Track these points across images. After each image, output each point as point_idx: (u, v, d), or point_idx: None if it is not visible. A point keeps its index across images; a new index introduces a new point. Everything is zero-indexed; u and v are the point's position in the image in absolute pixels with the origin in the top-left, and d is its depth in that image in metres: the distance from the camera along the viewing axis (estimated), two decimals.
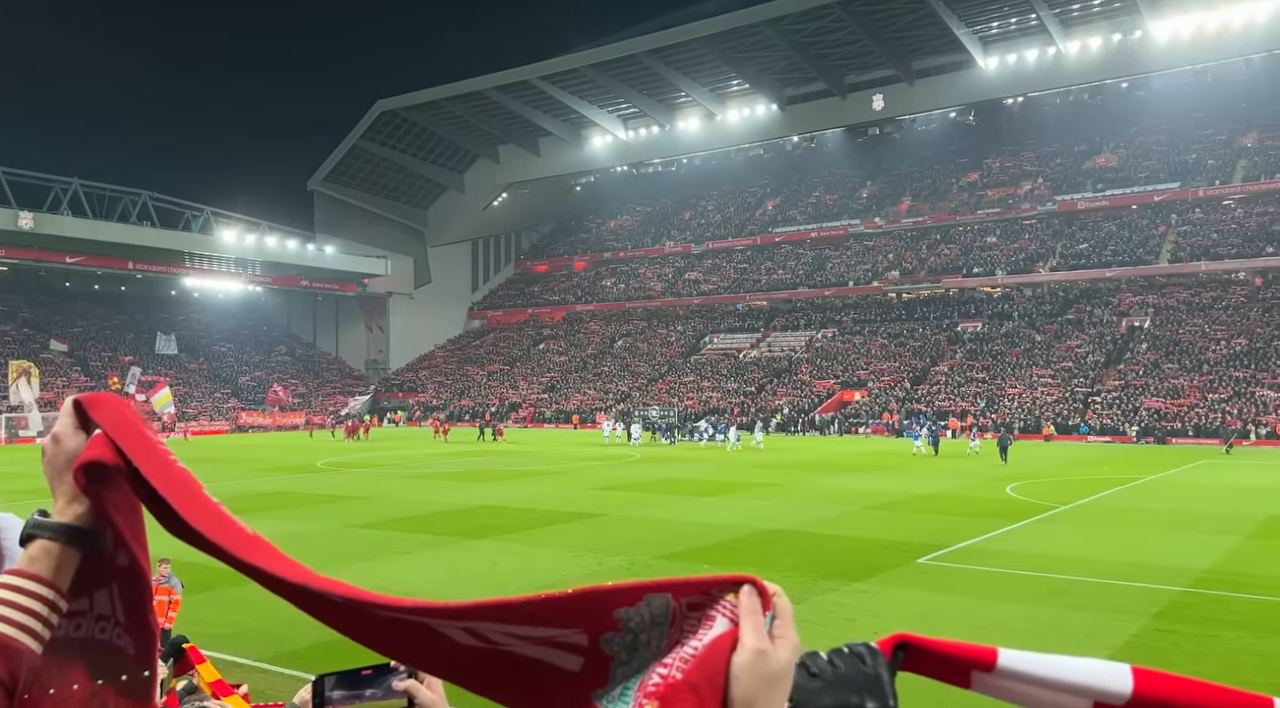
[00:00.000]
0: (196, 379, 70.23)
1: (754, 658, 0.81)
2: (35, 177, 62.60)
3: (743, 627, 0.82)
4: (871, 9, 57.99)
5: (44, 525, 0.99)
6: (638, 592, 0.84)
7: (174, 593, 11.28)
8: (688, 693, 0.80)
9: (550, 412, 66.64)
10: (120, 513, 1.01)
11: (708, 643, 0.82)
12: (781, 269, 76.28)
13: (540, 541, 18.95)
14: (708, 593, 0.84)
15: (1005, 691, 0.89)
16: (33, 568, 0.97)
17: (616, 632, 0.84)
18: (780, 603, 0.85)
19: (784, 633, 0.84)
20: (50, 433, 1.04)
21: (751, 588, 0.84)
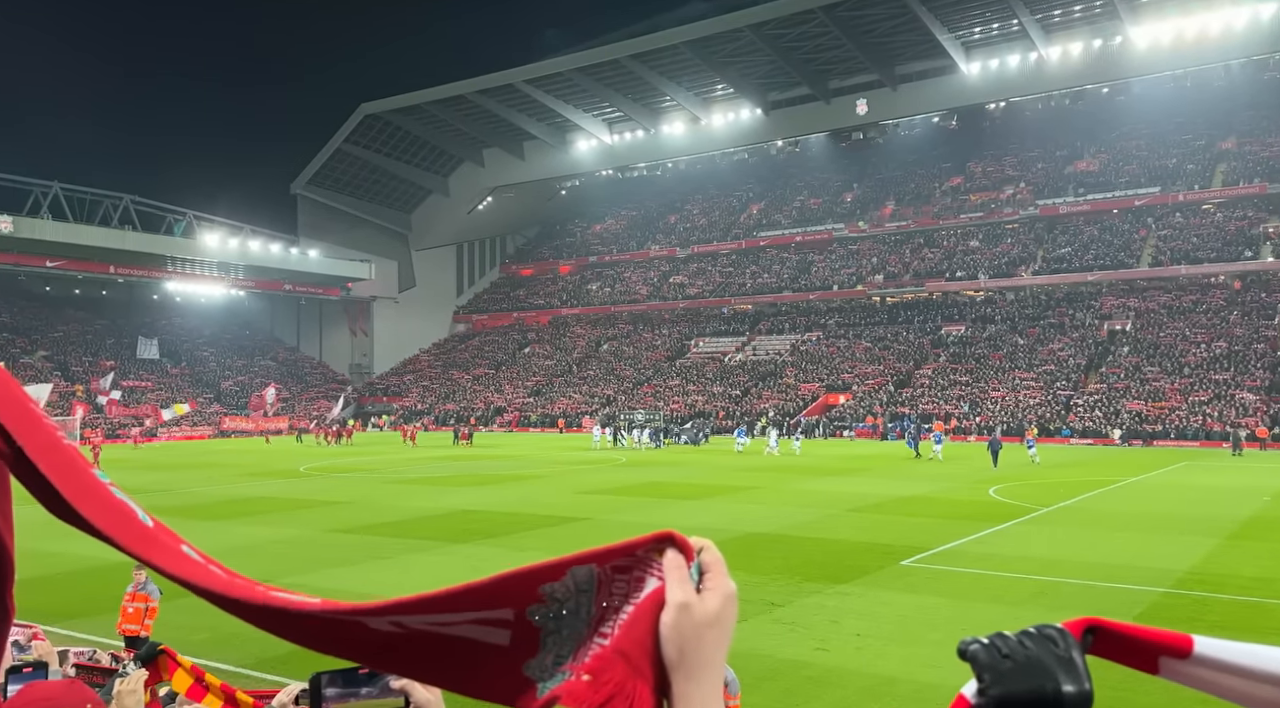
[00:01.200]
0: (179, 384, 69.66)
1: (679, 613, 0.81)
2: (14, 180, 62.01)
3: (667, 584, 0.82)
4: (855, 14, 58.32)
5: None
6: (561, 567, 0.83)
7: (150, 600, 11.14)
8: (618, 660, 0.79)
9: (536, 416, 66.51)
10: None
11: (636, 604, 0.81)
12: (766, 273, 76.48)
13: (523, 544, 18.87)
14: (632, 555, 0.84)
15: (1197, 678, 0.85)
16: None
17: (542, 603, 0.83)
18: (708, 556, 0.84)
19: (714, 584, 0.83)
20: None
21: (674, 545, 0.83)
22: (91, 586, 14.69)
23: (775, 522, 21.24)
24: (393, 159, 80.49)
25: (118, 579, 12.13)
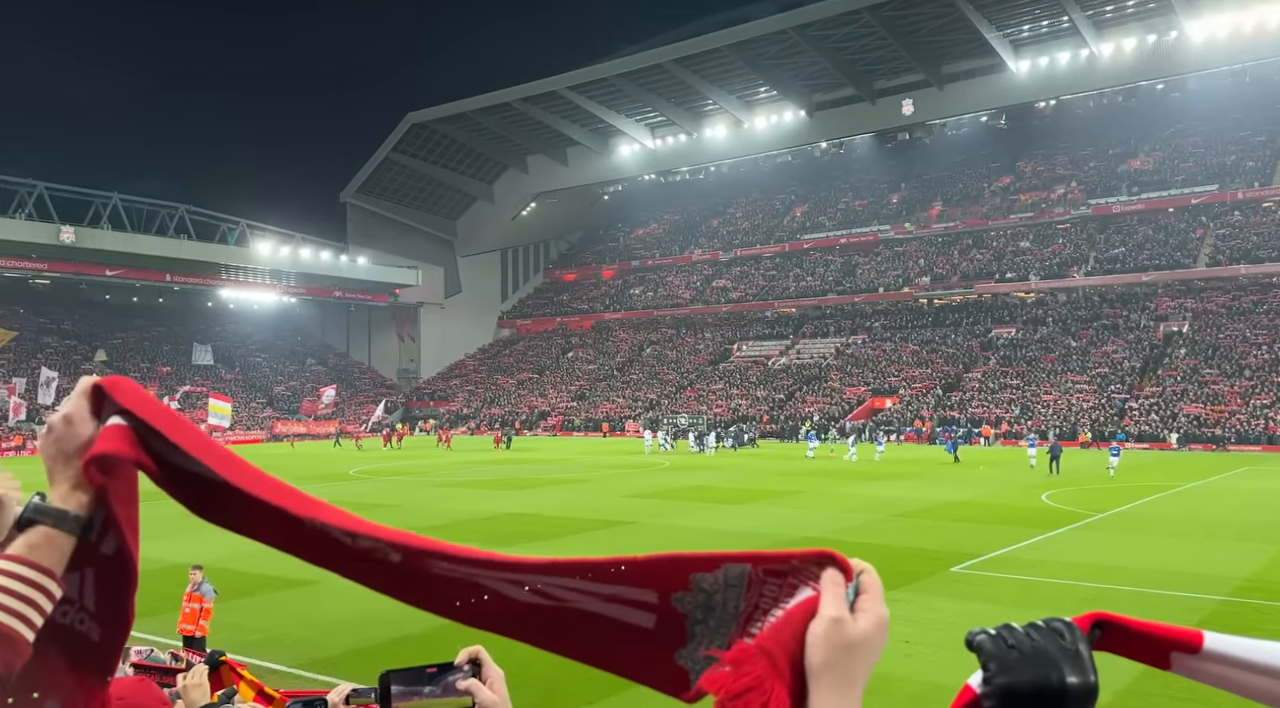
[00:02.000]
0: (232, 389, 71.22)
1: (830, 626, 0.81)
2: (76, 192, 64.06)
3: (822, 596, 0.82)
4: (901, 14, 57.69)
5: (48, 512, 0.96)
6: (715, 561, 0.85)
7: (205, 600, 11.42)
8: (760, 657, 0.80)
9: (579, 420, 66.79)
10: (121, 504, 0.98)
11: (786, 610, 0.82)
12: (810, 276, 75.92)
13: (569, 548, 18.98)
14: (788, 563, 0.84)
15: (1208, 674, 0.86)
16: (34, 556, 0.94)
17: (689, 591, 0.84)
18: (867, 579, 0.85)
19: (869, 607, 0.83)
20: (62, 414, 1.00)
21: (837, 563, 0.84)
22: (152, 585, 15.07)
23: (820, 526, 21.07)
24: (439, 167, 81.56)
25: (177, 580, 12.46)
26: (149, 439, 0.98)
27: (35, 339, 67.12)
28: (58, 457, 0.98)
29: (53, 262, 64.12)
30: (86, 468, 0.96)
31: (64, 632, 0.97)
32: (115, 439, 0.97)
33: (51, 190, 62.16)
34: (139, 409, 0.98)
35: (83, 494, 0.96)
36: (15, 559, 0.93)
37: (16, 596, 0.91)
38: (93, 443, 0.97)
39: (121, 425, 0.98)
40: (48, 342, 67.72)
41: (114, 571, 1.00)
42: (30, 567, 0.92)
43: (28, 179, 61.20)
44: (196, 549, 12.36)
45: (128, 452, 0.96)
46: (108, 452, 0.96)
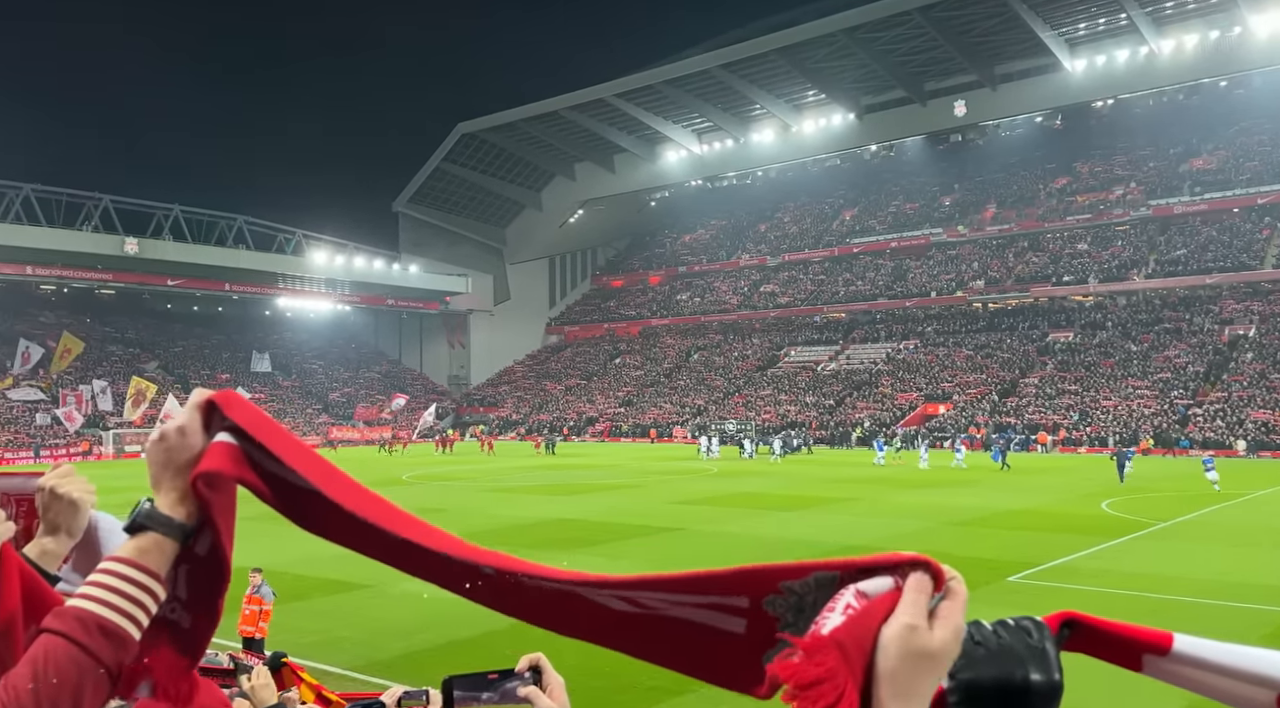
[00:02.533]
0: (290, 396, 72.81)
1: (903, 632, 0.78)
2: (139, 204, 66.12)
3: (902, 598, 0.80)
4: (952, 15, 56.87)
5: (158, 520, 1.01)
6: (806, 569, 0.84)
7: (264, 603, 11.65)
8: (833, 649, 0.78)
9: (627, 426, 66.88)
10: (220, 515, 1.03)
11: (864, 606, 0.80)
12: (860, 280, 75.11)
13: (619, 554, 19.00)
14: (877, 564, 0.84)
15: (1178, 676, 0.86)
16: (144, 560, 1.00)
17: (780, 594, 0.84)
18: (955, 586, 0.83)
19: (948, 616, 0.81)
20: (177, 425, 1.04)
21: (926, 568, 0.82)
22: None
23: (873, 534, 20.79)
24: (488, 176, 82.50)
25: (238, 582, 12.73)
26: (255, 455, 1.02)
27: (100, 348, 69.35)
28: (167, 465, 1.03)
29: (117, 272, 66.19)
30: (194, 483, 1.01)
31: (157, 620, 1.02)
32: (221, 457, 1.01)
33: (116, 203, 64.26)
34: (247, 424, 1.02)
35: (190, 504, 1.02)
36: (127, 562, 0.99)
37: (127, 597, 0.97)
38: (201, 458, 1.02)
39: (229, 442, 1.02)
40: (112, 350, 69.92)
41: (209, 569, 1.05)
42: (140, 570, 0.99)
43: (94, 192, 63.44)
44: (256, 552, 12.63)
45: (232, 470, 1.00)
46: (214, 470, 1.00)
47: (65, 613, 0.96)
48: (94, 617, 0.95)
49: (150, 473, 1.05)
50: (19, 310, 67.79)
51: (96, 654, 0.93)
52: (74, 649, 0.93)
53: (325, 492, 0.99)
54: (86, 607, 0.96)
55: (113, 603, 0.96)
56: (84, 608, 0.96)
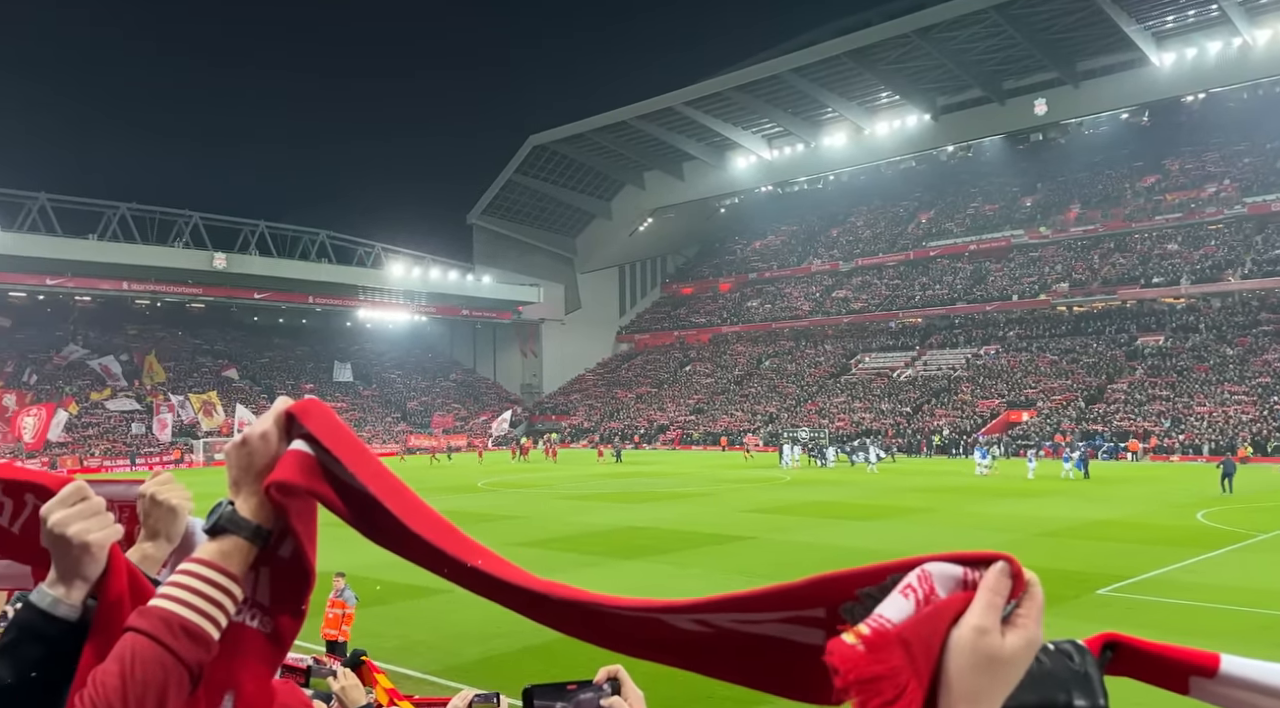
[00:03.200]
0: (370, 405, 74.73)
1: (972, 635, 0.73)
2: (227, 220, 68.85)
3: (975, 598, 0.75)
4: (1031, 11, 55.29)
5: (239, 524, 1.04)
6: (882, 573, 0.79)
7: (347, 606, 11.94)
8: (898, 646, 0.73)
9: (698, 433, 66.66)
10: (300, 520, 1.06)
11: (935, 604, 0.75)
12: (937, 284, 73.45)
13: (690, 562, 18.91)
14: (953, 562, 0.78)
15: (1228, 699, 0.81)
16: (224, 563, 1.03)
17: (858, 601, 0.79)
18: (1034, 591, 0.77)
19: (1023, 623, 0.75)
20: (259, 431, 1.07)
21: (1005, 566, 0.76)
22: None
23: (952, 545, 19.99)
24: (559, 186, 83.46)
25: (321, 585, 13.07)
26: (327, 465, 1.03)
27: (191, 360, 72.32)
28: (248, 469, 1.06)
29: (207, 287, 68.96)
30: (267, 490, 1.04)
31: (238, 627, 1.05)
32: (293, 467, 1.03)
33: (206, 220, 67.01)
34: (322, 435, 1.03)
35: (269, 509, 1.05)
36: (208, 564, 1.02)
37: (208, 599, 1.00)
38: (274, 466, 1.05)
39: (302, 452, 1.03)
40: (202, 362, 72.83)
41: (290, 573, 1.08)
42: (220, 572, 1.02)
43: (185, 210, 66.31)
44: (338, 556, 12.98)
45: (303, 480, 1.02)
46: (284, 480, 1.02)
47: (150, 612, 0.99)
48: (177, 617, 0.98)
49: (230, 476, 1.07)
50: (116, 324, 71.21)
51: (180, 654, 0.96)
52: (159, 649, 0.96)
53: (391, 510, 0.99)
54: (170, 607, 0.99)
55: (194, 604, 0.99)
56: (167, 608, 0.99)
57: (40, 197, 59.64)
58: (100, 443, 56.78)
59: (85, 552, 1.08)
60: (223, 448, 14.34)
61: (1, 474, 1.32)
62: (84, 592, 1.08)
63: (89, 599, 1.08)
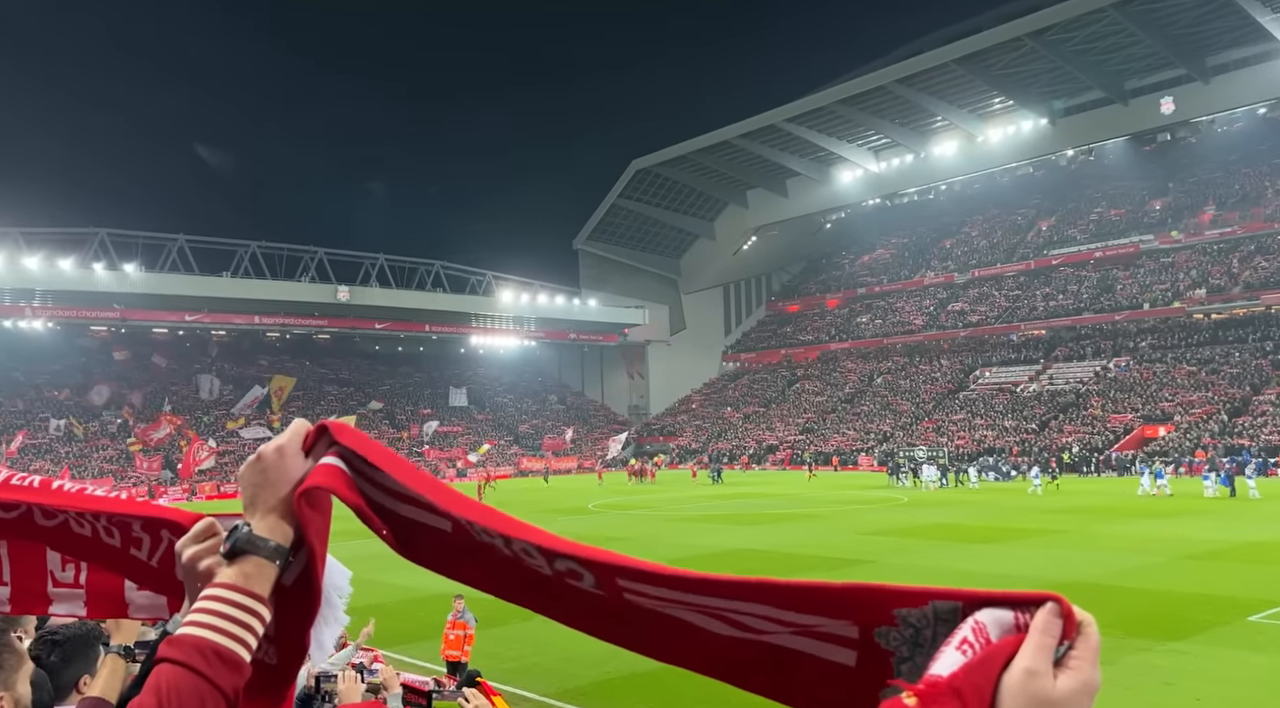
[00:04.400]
0: (484, 428, 76.65)
1: (1023, 678, 0.71)
2: (349, 254, 72.51)
3: (1025, 641, 0.73)
4: (1154, 7, 52.48)
5: (259, 545, 1.03)
6: (923, 596, 0.77)
7: (469, 627, 12.15)
8: (951, 698, 0.71)
9: (808, 453, 65.45)
10: (317, 538, 1.06)
11: (985, 649, 0.73)
12: (1061, 294, 70.15)
13: None
14: (1002, 602, 0.76)
15: None
16: (248, 584, 1.02)
17: (893, 625, 0.78)
18: (1088, 632, 0.75)
19: (1077, 665, 0.73)
20: (276, 446, 1.07)
21: (1055, 607, 0.74)
22: (418, 613, 16.30)
23: (1087, 569, 19.10)
24: (662, 209, 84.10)
25: (436, 608, 13.38)
26: (368, 475, 1.04)
27: (318, 388, 75.93)
28: (263, 486, 1.05)
29: (332, 318, 72.57)
30: (298, 500, 1.04)
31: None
32: (330, 476, 1.04)
33: (329, 255, 70.70)
34: (359, 447, 1.05)
35: (288, 526, 1.05)
36: (233, 588, 1.02)
37: (237, 622, 1.00)
38: (305, 478, 1.05)
39: (336, 466, 1.04)
40: (328, 390, 76.35)
41: (297, 600, 1.08)
42: (246, 594, 1.02)
43: (310, 246, 70.08)
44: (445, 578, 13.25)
45: (341, 489, 1.03)
46: (322, 485, 1.03)
47: (181, 641, 0.99)
48: (210, 644, 0.98)
49: (245, 495, 1.07)
50: (249, 356, 75.59)
51: (215, 682, 0.96)
52: (195, 678, 0.96)
53: (434, 501, 1.00)
54: (201, 634, 0.99)
55: (225, 629, 0.99)
56: (199, 636, 0.98)
57: (179, 238, 64.16)
58: (236, 469, 60.12)
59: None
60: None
61: (142, 512, 1.37)
62: None
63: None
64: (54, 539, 1.44)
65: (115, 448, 59.20)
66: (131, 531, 1.38)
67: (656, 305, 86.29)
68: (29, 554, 1.50)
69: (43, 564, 1.51)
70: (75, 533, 1.41)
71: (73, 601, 1.54)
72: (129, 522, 1.37)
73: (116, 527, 1.39)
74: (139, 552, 1.38)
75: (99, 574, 1.51)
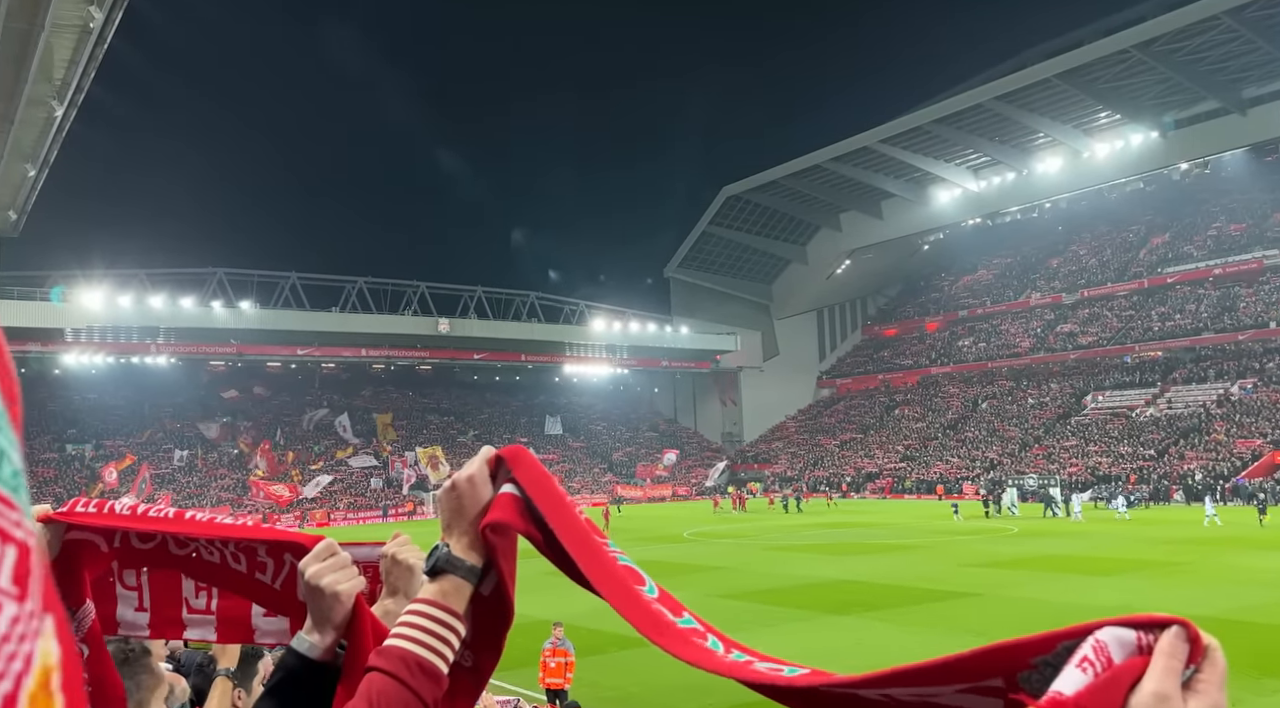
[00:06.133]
0: (578, 456, 77.42)
1: (1152, 702, 0.69)
2: (449, 288, 74.73)
3: (1151, 663, 0.71)
4: (1271, 11, 49.77)
5: (458, 565, 1.12)
6: (1051, 641, 0.76)
7: (569, 654, 12.22)
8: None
9: (910, 481, 63.60)
10: (504, 559, 1.14)
11: (1110, 670, 0.72)
12: (1178, 313, 66.59)
13: (908, 619, 17.89)
14: (1127, 625, 0.75)
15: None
16: (446, 601, 1.11)
17: (1035, 670, 0.77)
18: (1215, 657, 0.73)
19: (1205, 690, 0.71)
20: (467, 475, 1.15)
21: (1181, 630, 0.72)
22: (514, 639, 16.41)
23: (1213, 604, 17.91)
24: (753, 235, 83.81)
25: (535, 634, 13.50)
26: (532, 510, 1.11)
27: (421, 417, 78.17)
28: (458, 512, 1.15)
29: (433, 350, 74.82)
30: (483, 531, 1.12)
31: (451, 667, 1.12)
32: (506, 509, 1.11)
33: (431, 289, 73.04)
34: (526, 483, 1.12)
35: (479, 549, 1.13)
36: (433, 604, 1.11)
37: (437, 636, 1.09)
38: (489, 508, 1.12)
39: (513, 495, 1.12)
40: (430, 419, 78.53)
41: (494, 611, 1.17)
42: (445, 610, 1.10)
43: (413, 281, 72.59)
44: (554, 606, 13.40)
45: (517, 523, 1.10)
46: (500, 521, 1.10)
47: (389, 652, 1.08)
48: (413, 656, 1.07)
49: (443, 520, 1.16)
50: (355, 388, 78.53)
51: (418, 692, 1.05)
52: (400, 688, 1.04)
53: (576, 561, 1.06)
54: (405, 647, 1.08)
55: (426, 643, 1.08)
56: (404, 648, 1.07)
57: (291, 276, 67.41)
58: (345, 497, 62.32)
59: (336, 601, 1.22)
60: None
61: (266, 536, 1.48)
62: (335, 637, 1.22)
63: (340, 644, 1.21)
64: (187, 567, 1.55)
65: (232, 477, 62.20)
66: (257, 555, 1.48)
67: (749, 332, 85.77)
68: (166, 582, 1.62)
69: (178, 591, 1.62)
70: (205, 560, 1.52)
71: (205, 626, 1.65)
72: (255, 547, 1.47)
73: (243, 553, 1.48)
74: (263, 576, 1.48)
75: (229, 601, 1.61)
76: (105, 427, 64.32)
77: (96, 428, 63.92)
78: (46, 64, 25.60)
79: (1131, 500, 43.67)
